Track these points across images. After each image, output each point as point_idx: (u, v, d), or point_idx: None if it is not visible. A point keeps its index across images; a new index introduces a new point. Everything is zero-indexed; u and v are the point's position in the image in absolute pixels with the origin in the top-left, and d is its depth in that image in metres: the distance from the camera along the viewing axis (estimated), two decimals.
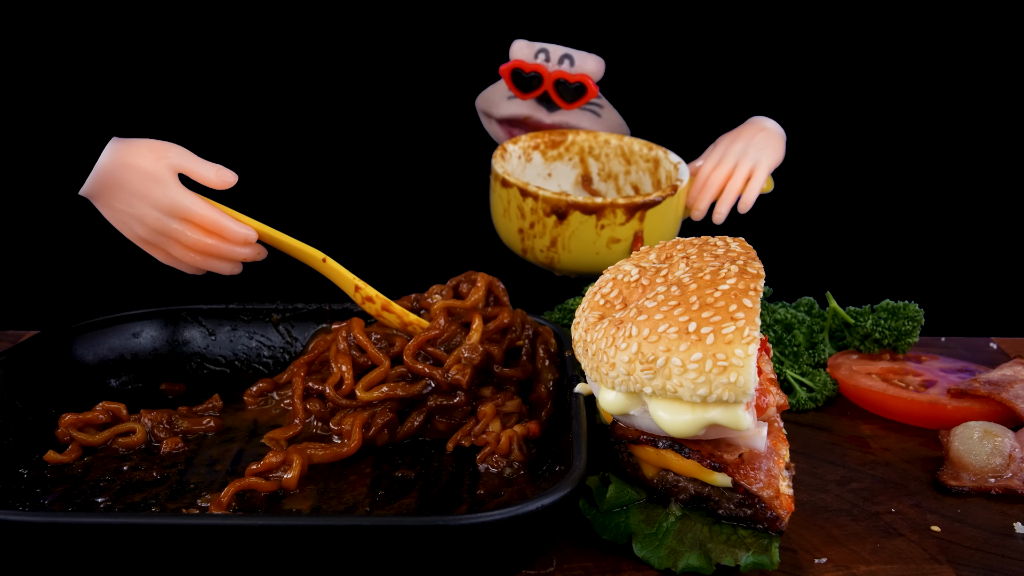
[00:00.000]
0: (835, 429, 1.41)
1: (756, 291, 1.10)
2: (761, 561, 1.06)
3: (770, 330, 1.55)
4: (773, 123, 1.74)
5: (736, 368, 1.04)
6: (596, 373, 1.13)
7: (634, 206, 1.57)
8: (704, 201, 1.68)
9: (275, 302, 1.53)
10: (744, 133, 1.72)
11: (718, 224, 1.68)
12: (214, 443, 1.31)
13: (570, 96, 1.71)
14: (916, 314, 1.53)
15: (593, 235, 1.58)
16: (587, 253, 1.60)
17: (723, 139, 1.73)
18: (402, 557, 0.99)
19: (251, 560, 1.00)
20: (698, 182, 1.69)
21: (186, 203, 1.37)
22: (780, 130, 1.74)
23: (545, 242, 1.61)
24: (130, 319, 1.48)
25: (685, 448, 1.10)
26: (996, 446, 1.25)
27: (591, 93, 1.71)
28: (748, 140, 1.70)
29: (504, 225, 1.66)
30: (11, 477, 1.22)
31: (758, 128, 1.72)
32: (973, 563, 1.11)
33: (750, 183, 1.67)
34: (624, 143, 1.76)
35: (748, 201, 1.67)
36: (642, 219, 1.59)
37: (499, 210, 1.66)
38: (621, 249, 1.60)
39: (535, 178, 1.77)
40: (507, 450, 1.24)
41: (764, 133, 1.71)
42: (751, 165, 1.67)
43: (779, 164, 1.73)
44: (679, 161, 1.71)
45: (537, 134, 1.76)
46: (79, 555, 1.00)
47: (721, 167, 1.68)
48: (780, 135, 1.73)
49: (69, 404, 1.36)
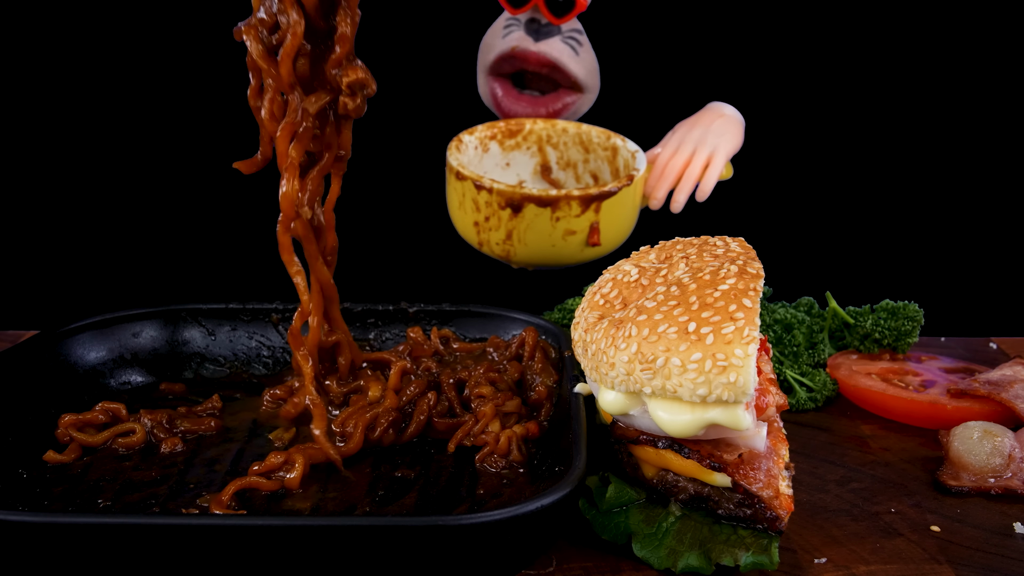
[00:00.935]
0: (835, 429, 1.41)
1: (756, 291, 1.10)
2: (761, 561, 1.06)
3: (770, 330, 1.55)
4: (731, 109, 1.72)
5: (736, 368, 1.04)
6: (596, 373, 1.13)
7: (589, 197, 1.56)
8: (662, 190, 1.66)
9: (275, 302, 1.53)
10: (702, 119, 1.70)
11: (676, 213, 1.67)
12: (214, 443, 1.31)
13: (560, 10, 1.68)
14: (916, 314, 1.53)
15: (549, 227, 1.57)
16: (543, 245, 1.59)
17: (681, 126, 1.71)
18: (402, 557, 1.00)
19: (251, 560, 1.00)
20: (655, 170, 1.67)
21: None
22: (739, 116, 1.73)
23: (500, 235, 1.60)
24: (130, 319, 1.48)
25: (685, 448, 1.10)
26: (996, 446, 1.25)
27: (580, 7, 1.68)
28: (706, 127, 1.68)
29: (460, 218, 1.65)
30: (11, 477, 1.22)
31: (716, 114, 1.70)
32: (973, 563, 1.11)
33: (708, 170, 1.65)
34: (582, 131, 1.74)
35: (706, 189, 1.65)
36: (598, 210, 1.57)
37: (455, 203, 1.65)
38: (577, 241, 1.59)
39: (493, 168, 1.76)
40: (506, 450, 1.24)
41: (722, 119, 1.70)
42: (709, 152, 1.66)
43: (738, 150, 1.71)
44: (636, 149, 1.69)
45: (494, 124, 1.74)
46: (79, 555, 1.00)
47: (679, 155, 1.66)
48: (739, 121, 1.71)
49: (69, 404, 1.36)
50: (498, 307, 1.52)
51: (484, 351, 1.46)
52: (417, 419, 1.31)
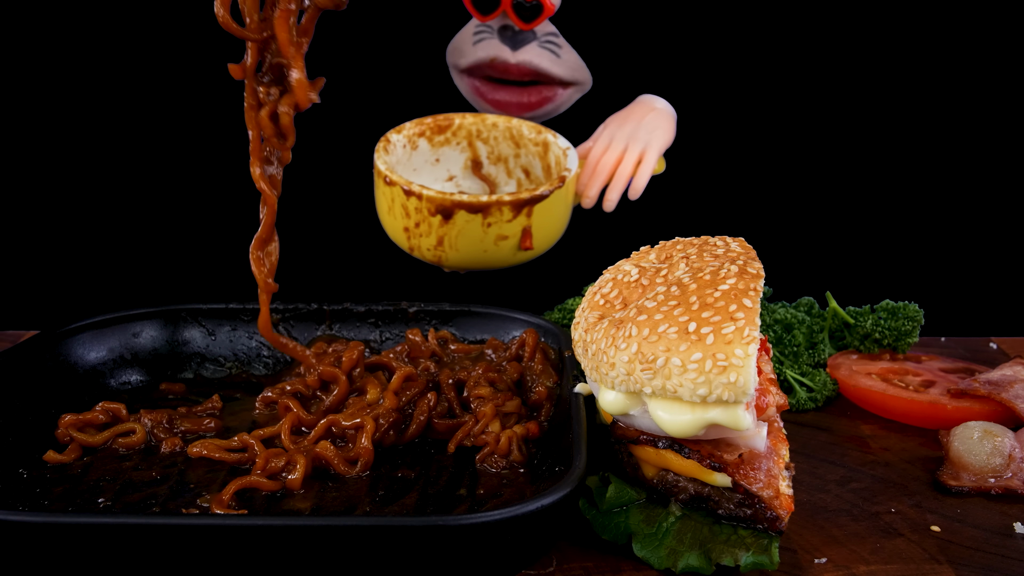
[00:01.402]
0: (835, 429, 1.41)
1: (756, 291, 1.10)
2: (761, 561, 1.06)
3: (770, 330, 1.55)
4: (663, 102, 1.70)
5: (736, 368, 1.04)
6: (596, 373, 1.13)
7: (520, 202, 1.53)
8: (594, 188, 1.63)
9: (275, 302, 1.52)
10: (633, 114, 1.67)
11: (608, 212, 1.65)
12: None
13: (528, 15, 1.66)
14: (916, 314, 1.53)
15: (480, 233, 1.54)
16: (475, 251, 1.56)
17: (612, 120, 1.68)
18: (402, 557, 1.00)
19: (251, 560, 1.00)
20: (587, 168, 1.64)
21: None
22: (670, 109, 1.70)
23: (431, 241, 1.56)
24: (130, 319, 1.48)
25: (685, 448, 1.10)
26: (996, 446, 1.25)
27: (548, 11, 1.66)
28: (637, 121, 1.65)
29: (390, 223, 1.62)
30: (11, 477, 1.22)
31: (647, 108, 1.68)
32: (973, 563, 1.11)
33: (641, 167, 1.63)
34: (512, 125, 1.71)
35: (639, 186, 1.63)
36: (530, 214, 1.54)
37: (384, 208, 1.61)
38: (510, 246, 1.56)
39: (423, 165, 1.72)
40: (507, 450, 1.24)
41: (654, 113, 1.67)
42: (641, 148, 1.63)
43: (670, 145, 1.68)
44: (568, 146, 1.65)
45: (422, 120, 1.70)
46: (79, 555, 1.00)
47: (611, 151, 1.63)
48: (670, 115, 1.69)
49: (69, 404, 1.36)
50: (498, 307, 1.52)
51: (482, 353, 1.46)
52: (417, 420, 1.31)
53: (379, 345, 1.52)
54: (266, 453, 1.21)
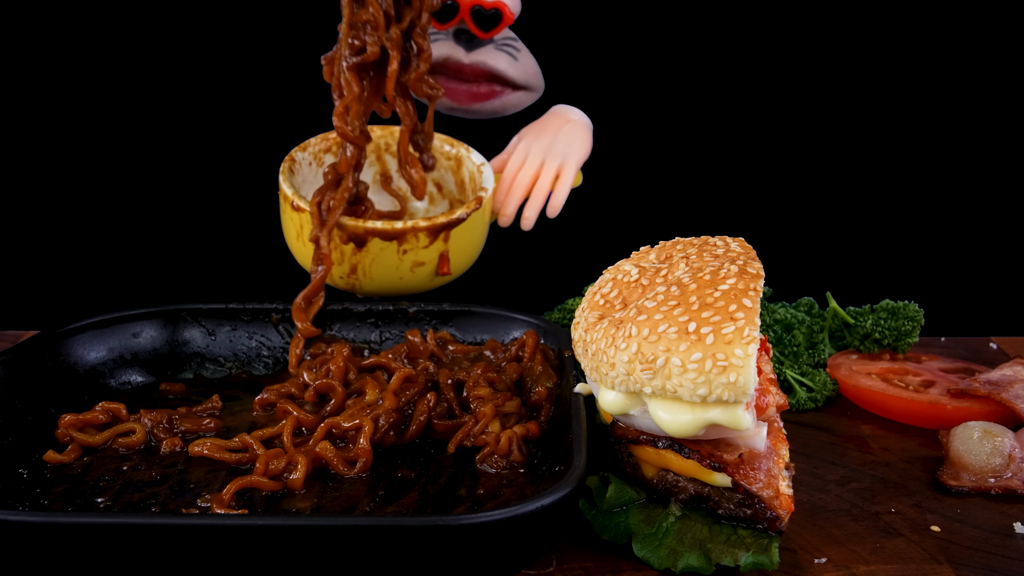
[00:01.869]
0: (835, 429, 1.41)
1: (756, 291, 1.10)
2: (761, 561, 1.06)
3: (770, 330, 1.55)
4: (578, 113, 1.64)
5: (736, 368, 1.04)
6: (596, 373, 1.13)
7: (437, 227, 1.47)
8: (511, 205, 1.58)
9: (275, 302, 1.52)
10: (549, 126, 1.61)
11: (527, 230, 1.60)
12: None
13: (486, 24, 1.61)
14: (916, 314, 1.53)
15: (395, 260, 1.48)
16: (390, 278, 1.50)
17: (526, 133, 1.63)
18: (402, 557, 1.00)
19: (251, 560, 1.00)
20: (503, 184, 1.58)
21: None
22: (586, 120, 1.65)
23: (344, 269, 1.50)
24: (130, 319, 1.48)
25: (685, 448, 1.10)
26: (996, 446, 1.25)
27: (507, 20, 1.62)
28: (554, 134, 1.60)
29: (299, 249, 1.55)
30: (11, 477, 1.22)
31: (563, 120, 1.62)
32: (973, 563, 1.11)
33: (559, 182, 1.58)
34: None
35: (557, 203, 1.58)
36: (447, 239, 1.49)
37: (292, 234, 1.54)
38: (427, 272, 1.51)
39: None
40: (507, 451, 1.24)
41: (570, 125, 1.61)
42: (559, 163, 1.57)
43: (587, 157, 1.63)
44: (482, 162, 1.60)
45: (327, 135, 1.64)
46: (79, 555, 1.00)
47: (527, 167, 1.58)
48: (586, 126, 1.63)
49: (69, 404, 1.36)
50: (498, 307, 1.52)
51: (481, 354, 1.46)
52: (417, 420, 1.31)
53: (379, 345, 1.52)
54: (267, 454, 1.21)
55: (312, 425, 1.30)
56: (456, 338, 1.51)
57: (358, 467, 1.23)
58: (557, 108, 1.66)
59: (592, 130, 1.65)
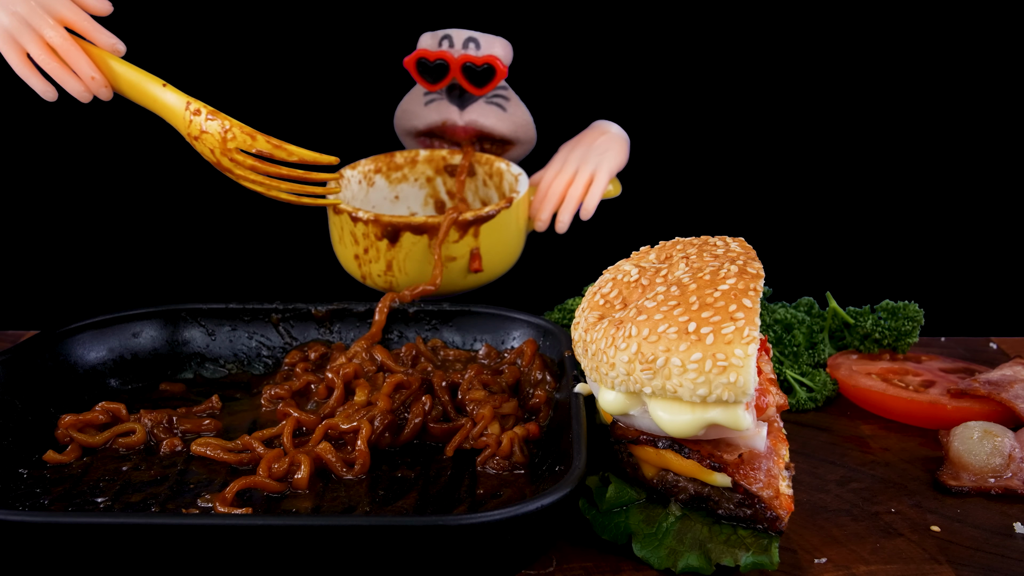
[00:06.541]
0: (835, 429, 1.41)
1: (756, 291, 1.10)
2: (761, 561, 1.06)
3: (770, 330, 1.55)
4: (616, 127, 1.71)
5: (736, 368, 1.04)
6: (596, 373, 1.13)
7: (466, 222, 1.53)
8: (545, 211, 1.64)
9: (275, 302, 1.53)
10: (584, 139, 1.69)
11: (561, 233, 1.65)
12: None
13: (479, 80, 1.66)
14: (916, 314, 1.53)
15: (427, 255, 1.54)
16: (424, 274, 1.55)
17: (564, 147, 1.70)
18: (402, 557, 1.00)
19: (251, 560, 1.00)
20: (539, 192, 1.65)
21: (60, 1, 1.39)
22: (623, 133, 1.71)
23: (381, 266, 1.56)
24: (130, 319, 1.48)
25: (685, 448, 1.10)
26: (996, 446, 1.25)
27: (500, 74, 1.65)
28: (588, 145, 1.67)
29: (341, 252, 1.62)
30: (11, 477, 1.22)
31: (599, 132, 1.69)
32: (973, 563, 1.11)
33: (591, 189, 1.63)
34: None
35: (589, 208, 1.64)
36: (477, 235, 1.55)
37: (335, 237, 1.62)
38: (459, 268, 1.56)
39: (382, 203, 1.73)
40: (508, 452, 1.24)
41: (605, 137, 1.68)
42: (591, 171, 1.64)
43: (622, 167, 1.69)
44: (520, 172, 1.66)
45: (378, 157, 1.71)
46: (79, 555, 1.00)
47: (561, 175, 1.64)
48: (623, 138, 1.70)
49: (69, 404, 1.36)
50: (498, 307, 1.52)
51: (475, 358, 1.46)
52: (412, 423, 1.31)
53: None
54: (269, 455, 1.21)
55: (312, 426, 1.30)
56: (454, 344, 1.51)
57: (356, 469, 1.23)
58: (597, 123, 1.72)
59: (629, 143, 1.71)
